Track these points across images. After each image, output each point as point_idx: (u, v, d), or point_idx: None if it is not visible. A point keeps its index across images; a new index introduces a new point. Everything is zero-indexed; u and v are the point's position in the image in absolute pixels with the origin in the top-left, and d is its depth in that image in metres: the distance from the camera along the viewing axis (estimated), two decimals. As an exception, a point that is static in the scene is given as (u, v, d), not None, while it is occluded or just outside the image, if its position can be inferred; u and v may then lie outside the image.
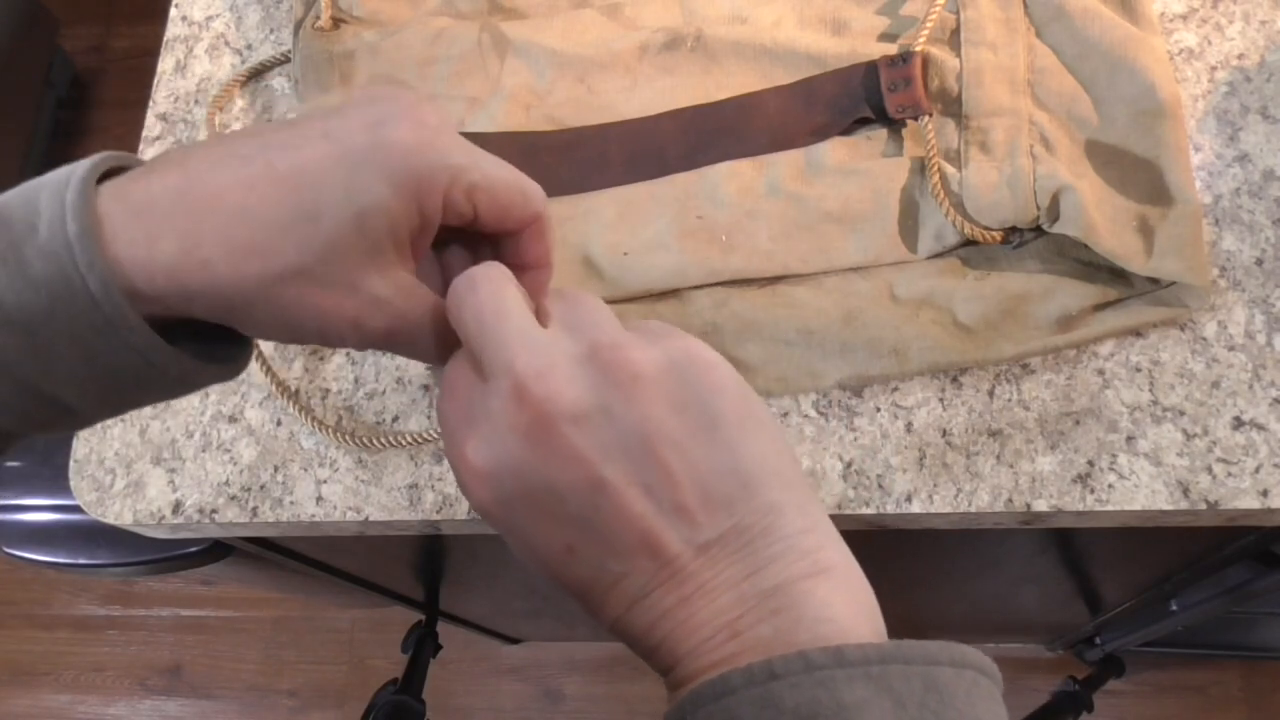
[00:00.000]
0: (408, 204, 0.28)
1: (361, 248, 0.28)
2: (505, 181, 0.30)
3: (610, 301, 0.50)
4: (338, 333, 0.29)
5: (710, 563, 0.26)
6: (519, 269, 0.32)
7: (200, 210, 0.26)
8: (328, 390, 0.54)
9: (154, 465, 0.54)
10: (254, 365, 0.54)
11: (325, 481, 0.52)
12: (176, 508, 0.53)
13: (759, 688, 0.23)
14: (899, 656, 0.23)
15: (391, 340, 0.30)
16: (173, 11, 0.66)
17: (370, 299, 0.28)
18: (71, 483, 0.55)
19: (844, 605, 0.26)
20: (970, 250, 0.49)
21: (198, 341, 0.29)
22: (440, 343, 0.30)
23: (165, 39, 0.66)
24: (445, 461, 0.51)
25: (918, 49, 0.51)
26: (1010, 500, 0.46)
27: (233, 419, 0.55)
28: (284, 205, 0.27)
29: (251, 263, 0.27)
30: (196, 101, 0.63)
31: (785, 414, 0.49)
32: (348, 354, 0.55)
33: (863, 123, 0.52)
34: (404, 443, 0.51)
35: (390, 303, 0.29)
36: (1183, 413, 0.46)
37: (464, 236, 0.32)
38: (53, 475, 0.93)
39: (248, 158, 0.27)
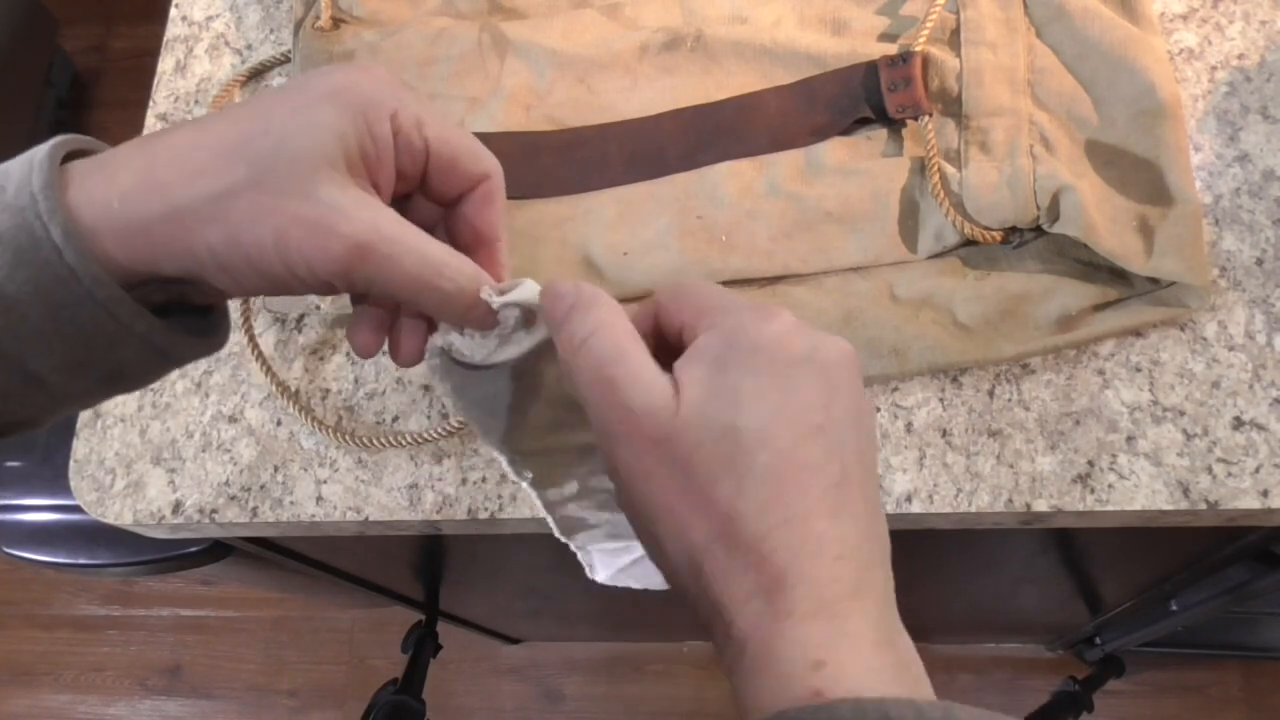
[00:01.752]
0: (356, 122, 0.28)
1: (313, 157, 0.28)
2: (453, 129, 0.31)
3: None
4: (301, 252, 0.28)
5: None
6: (472, 245, 0.33)
7: (157, 149, 0.28)
8: (328, 390, 0.54)
9: (154, 465, 0.54)
10: (254, 365, 0.54)
11: (325, 481, 0.52)
12: (176, 508, 0.53)
13: None
14: None
15: (363, 261, 0.28)
16: (173, 11, 0.66)
17: (329, 206, 0.28)
18: (71, 483, 0.55)
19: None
20: (970, 250, 0.49)
21: (170, 312, 0.29)
22: (422, 277, 0.29)
23: (165, 39, 0.66)
24: (445, 461, 0.51)
25: (918, 49, 0.51)
26: (1010, 500, 0.46)
27: (233, 419, 0.55)
28: (234, 130, 0.28)
29: (204, 180, 0.27)
30: (196, 101, 0.63)
31: (785, 414, 0.49)
32: (348, 354, 0.55)
33: (863, 123, 0.52)
34: (404, 443, 0.51)
35: (350, 210, 0.28)
36: (1183, 413, 0.46)
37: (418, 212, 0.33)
38: (53, 475, 0.93)
39: (203, 117, 0.29)
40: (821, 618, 0.25)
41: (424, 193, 0.33)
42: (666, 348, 0.31)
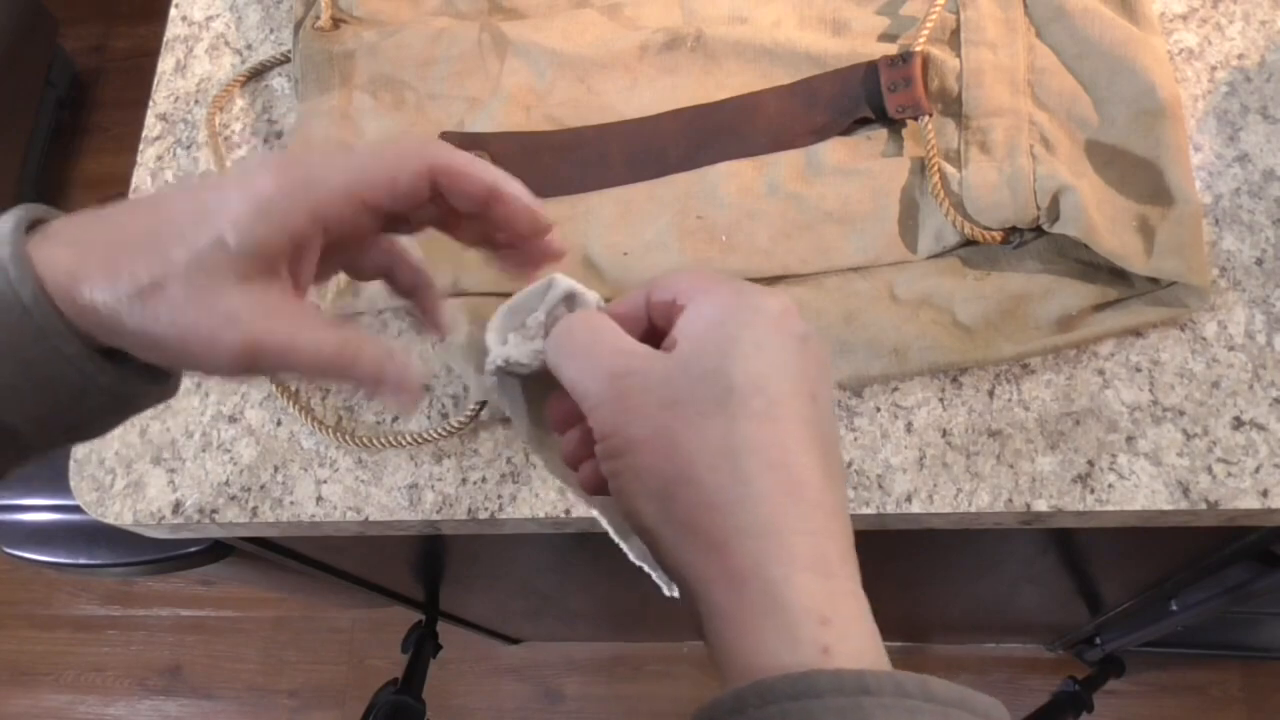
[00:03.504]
0: (269, 223, 0.29)
1: (217, 266, 0.29)
2: (384, 166, 0.31)
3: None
4: (201, 355, 0.29)
5: None
6: (521, 241, 0.34)
7: (91, 234, 0.30)
8: (328, 390, 0.54)
9: (154, 465, 0.54)
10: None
11: (325, 481, 0.52)
12: (176, 508, 0.53)
13: (848, 698, 0.23)
14: (968, 705, 0.23)
15: (254, 360, 0.30)
16: (173, 11, 0.66)
17: (220, 314, 0.29)
18: (71, 483, 0.55)
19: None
20: (970, 250, 0.49)
21: (131, 363, 0.31)
22: (320, 365, 0.31)
23: (165, 39, 0.66)
24: (445, 461, 0.51)
25: (918, 49, 0.51)
26: (1010, 500, 0.46)
27: (233, 419, 0.55)
28: (145, 228, 0.29)
29: (121, 281, 0.28)
30: (196, 101, 0.63)
31: (785, 414, 0.49)
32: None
33: (863, 123, 0.52)
34: (404, 443, 0.51)
35: (241, 315, 0.29)
36: (1183, 413, 0.46)
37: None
38: (53, 475, 0.92)
39: (140, 198, 0.30)
40: (820, 571, 0.25)
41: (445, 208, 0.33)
42: (656, 338, 0.31)
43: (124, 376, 0.30)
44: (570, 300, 0.34)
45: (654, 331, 0.32)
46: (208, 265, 0.29)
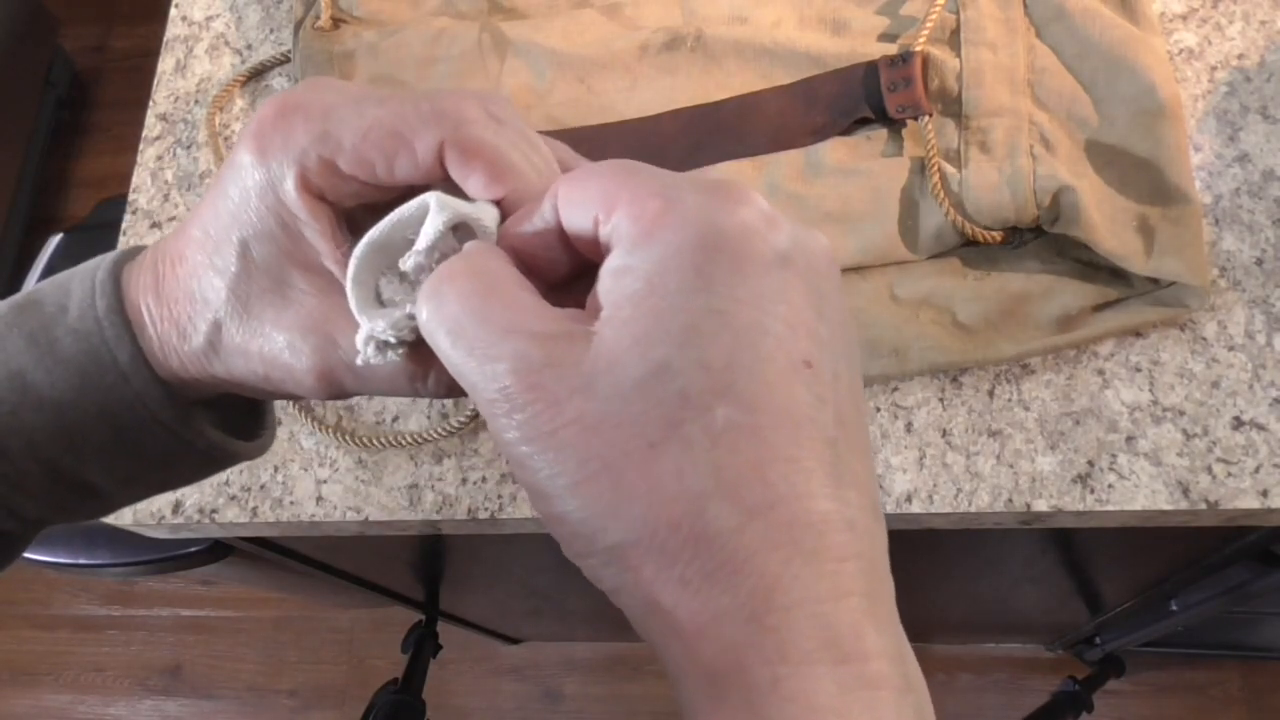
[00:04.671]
0: (280, 224, 0.25)
1: (258, 290, 0.25)
2: (370, 134, 0.23)
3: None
4: (286, 386, 0.26)
5: None
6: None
7: (158, 290, 0.26)
8: (328, 390, 0.54)
9: (154, 465, 0.54)
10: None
11: (325, 481, 0.52)
12: (176, 507, 0.53)
13: None
14: None
15: (336, 384, 0.26)
16: (173, 11, 0.66)
17: (283, 345, 0.26)
18: (71, 483, 0.55)
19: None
20: (970, 250, 0.49)
21: (218, 414, 0.29)
22: (398, 386, 0.26)
23: (165, 39, 0.66)
24: (445, 461, 0.51)
25: (918, 49, 0.51)
26: (1010, 500, 0.46)
27: (233, 419, 0.55)
28: (188, 266, 0.26)
29: (192, 334, 0.26)
30: (196, 101, 0.63)
31: (785, 414, 0.49)
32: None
33: (863, 123, 0.52)
34: (404, 443, 0.51)
35: (300, 346, 0.26)
36: (1183, 413, 0.46)
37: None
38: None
39: (182, 226, 0.27)
40: (831, 656, 0.18)
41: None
42: (581, 266, 0.23)
43: (221, 440, 0.28)
44: (459, 231, 0.23)
45: (577, 260, 0.23)
46: (241, 291, 0.25)
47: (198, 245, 0.26)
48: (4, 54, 1.60)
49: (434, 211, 0.23)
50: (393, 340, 0.24)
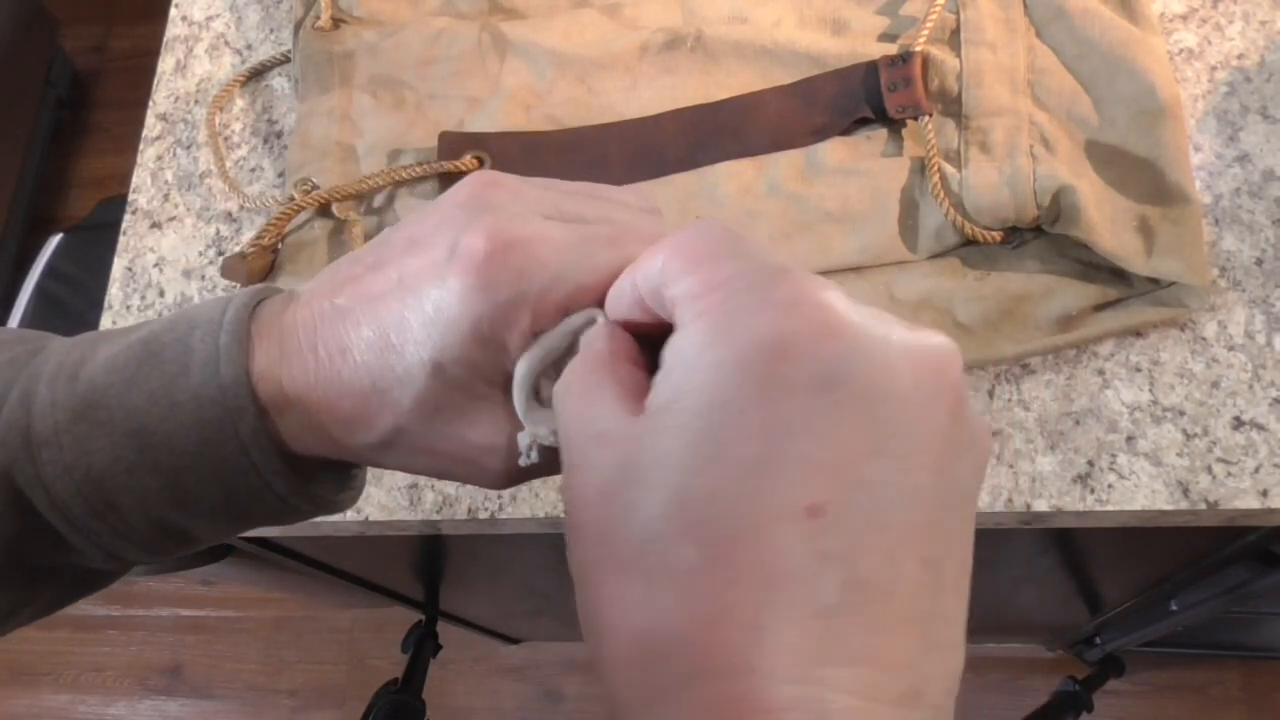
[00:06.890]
0: (484, 348, 0.25)
1: (447, 402, 0.25)
2: (602, 279, 0.25)
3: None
4: (469, 478, 0.27)
5: None
6: None
7: (302, 376, 0.26)
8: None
9: (154, 465, 0.54)
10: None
11: (325, 481, 0.52)
12: (176, 508, 0.53)
13: None
14: None
15: (521, 478, 0.27)
16: (173, 11, 0.66)
17: (476, 448, 0.26)
18: (71, 483, 0.55)
19: None
20: (970, 250, 0.49)
21: (325, 475, 0.29)
22: None
23: (165, 39, 0.66)
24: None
25: (918, 49, 0.51)
26: (1010, 500, 0.46)
27: (233, 419, 0.54)
28: (369, 373, 0.25)
29: (359, 431, 0.26)
30: (196, 101, 0.63)
31: (785, 414, 0.49)
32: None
33: (863, 123, 0.52)
34: (404, 443, 0.51)
35: (492, 445, 0.26)
36: (1183, 413, 0.46)
37: None
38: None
39: (344, 311, 0.26)
40: None
41: None
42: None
43: (325, 500, 0.28)
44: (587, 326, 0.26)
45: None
46: (428, 404, 0.25)
47: (372, 348, 0.25)
48: (4, 54, 1.61)
49: (601, 322, 0.25)
50: (554, 444, 0.25)
